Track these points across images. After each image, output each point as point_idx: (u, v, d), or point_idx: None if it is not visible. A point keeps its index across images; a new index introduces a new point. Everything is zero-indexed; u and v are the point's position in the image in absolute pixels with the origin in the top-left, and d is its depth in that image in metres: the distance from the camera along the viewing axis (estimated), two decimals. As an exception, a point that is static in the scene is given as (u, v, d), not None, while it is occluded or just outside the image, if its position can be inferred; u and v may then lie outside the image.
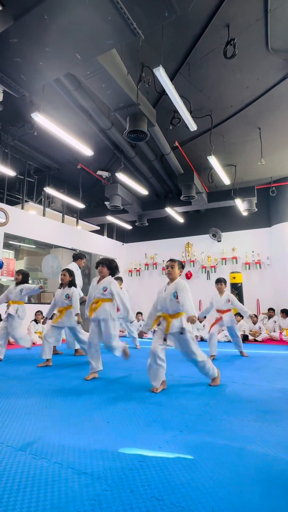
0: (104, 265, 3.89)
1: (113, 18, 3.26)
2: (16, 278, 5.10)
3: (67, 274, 4.67)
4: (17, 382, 3.49)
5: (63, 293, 4.60)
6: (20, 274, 5.09)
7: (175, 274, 3.37)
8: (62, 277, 4.68)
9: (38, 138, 7.19)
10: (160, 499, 1.40)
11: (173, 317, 3.24)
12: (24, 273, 5.14)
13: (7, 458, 1.78)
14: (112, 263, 3.95)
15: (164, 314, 3.31)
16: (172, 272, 3.36)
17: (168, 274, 3.39)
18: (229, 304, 5.22)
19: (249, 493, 1.46)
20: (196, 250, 10.93)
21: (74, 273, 4.78)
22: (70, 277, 4.67)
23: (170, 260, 3.45)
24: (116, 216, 10.61)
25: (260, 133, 7.19)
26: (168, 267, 3.40)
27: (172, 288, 3.28)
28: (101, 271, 3.89)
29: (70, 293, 4.57)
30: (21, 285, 5.03)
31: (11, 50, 3.76)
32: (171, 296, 3.25)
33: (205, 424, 2.28)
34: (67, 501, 1.39)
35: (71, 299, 4.53)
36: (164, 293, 3.32)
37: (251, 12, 4.42)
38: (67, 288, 4.63)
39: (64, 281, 4.65)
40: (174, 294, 3.24)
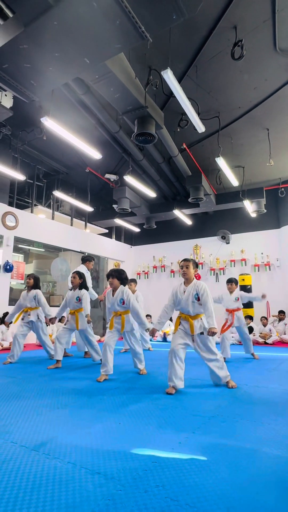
0: (114, 277, 3.96)
1: (122, 22, 3.30)
2: (28, 282, 5.12)
3: (77, 276, 4.69)
4: (28, 384, 3.51)
5: (74, 296, 4.62)
6: (31, 278, 5.11)
7: (191, 274, 3.36)
8: (72, 279, 4.71)
9: (47, 142, 7.28)
10: (175, 500, 1.39)
11: (194, 318, 3.25)
12: (36, 277, 5.17)
13: (20, 457, 1.79)
14: (121, 274, 4.02)
15: (185, 315, 3.31)
16: (188, 272, 3.35)
17: (184, 274, 3.38)
18: (238, 303, 5.21)
19: (265, 495, 1.44)
20: (205, 252, 10.89)
21: (84, 276, 4.81)
22: (80, 279, 4.69)
23: (184, 260, 3.44)
24: (124, 219, 10.64)
25: (268, 133, 7.15)
26: (183, 267, 3.38)
27: (192, 290, 3.28)
28: (112, 282, 3.96)
29: (80, 295, 4.59)
30: (34, 292, 5.03)
31: (21, 56, 3.82)
32: (193, 298, 3.25)
33: (218, 425, 2.26)
34: (81, 500, 1.39)
35: (81, 301, 4.56)
36: (184, 295, 3.31)
37: (258, 13, 4.42)
38: (77, 290, 4.65)
39: (75, 283, 4.68)
40: (195, 297, 3.24)
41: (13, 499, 1.40)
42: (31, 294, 5.02)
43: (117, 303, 3.89)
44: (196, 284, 3.30)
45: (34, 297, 5.01)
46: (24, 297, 5.07)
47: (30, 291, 5.06)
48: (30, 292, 5.05)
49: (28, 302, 5.02)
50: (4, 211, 7.49)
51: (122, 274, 4.02)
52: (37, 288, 5.11)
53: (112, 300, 3.94)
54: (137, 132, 5.32)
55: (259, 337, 7.98)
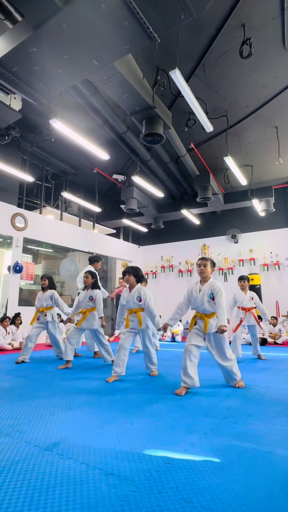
0: (131, 273, 3.96)
1: (130, 23, 3.30)
2: (43, 284, 5.14)
3: (89, 276, 4.69)
4: (39, 384, 3.55)
5: (87, 295, 4.63)
6: (46, 279, 5.13)
7: (208, 273, 3.35)
8: (85, 279, 4.71)
9: (55, 144, 7.33)
10: (189, 502, 1.39)
11: (210, 316, 3.24)
12: (49, 278, 5.19)
13: (34, 457, 1.80)
14: (138, 271, 4.01)
15: (200, 314, 3.31)
16: (205, 270, 3.34)
17: (201, 273, 3.36)
18: (253, 301, 5.18)
19: (280, 497, 1.43)
20: (213, 252, 10.84)
21: (97, 275, 4.82)
22: (92, 279, 4.69)
23: (202, 259, 3.42)
24: (132, 219, 10.66)
25: (277, 132, 7.09)
26: (200, 266, 3.37)
27: (207, 289, 3.27)
28: (128, 279, 3.96)
29: (93, 295, 4.60)
30: (49, 292, 5.07)
31: (30, 59, 3.86)
32: (208, 297, 3.25)
33: (230, 427, 2.25)
34: (96, 501, 1.40)
35: (94, 301, 4.57)
36: (200, 293, 3.30)
37: (267, 10, 4.38)
38: (90, 290, 4.67)
39: (87, 283, 4.69)
40: (210, 296, 3.24)
41: (29, 499, 1.41)
42: (47, 294, 5.06)
43: (133, 301, 3.88)
44: (211, 284, 3.29)
45: (50, 297, 5.04)
46: (40, 298, 5.10)
47: (46, 291, 5.09)
48: (46, 292, 5.09)
49: (44, 302, 5.05)
50: (13, 213, 7.57)
51: (139, 272, 4.02)
52: (52, 288, 5.14)
53: (128, 298, 3.93)
54: (145, 133, 5.33)
55: (269, 337, 7.91)
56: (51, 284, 5.17)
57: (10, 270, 7.40)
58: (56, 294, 5.08)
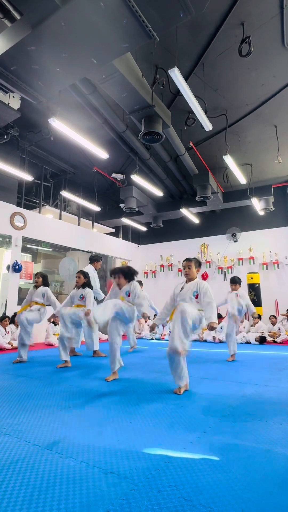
0: (120, 274, 3.78)
1: (129, 21, 3.29)
2: (36, 281, 5.08)
3: (81, 276, 4.75)
4: (38, 383, 3.55)
5: (78, 293, 4.69)
6: (40, 277, 5.08)
7: (193, 274, 3.35)
8: (77, 279, 4.75)
9: (54, 143, 7.31)
10: (188, 500, 1.40)
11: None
12: (44, 275, 5.14)
13: (34, 456, 1.81)
14: (128, 270, 3.83)
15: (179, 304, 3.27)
16: (190, 272, 3.35)
17: (186, 274, 3.37)
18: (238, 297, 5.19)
19: (279, 495, 1.43)
20: (212, 250, 10.84)
21: (89, 275, 4.84)
22: (84, 278, 4.74)
23: (186, 260, 3.41)
24: (131, 218, 10.65)
25: (276, 130, 7.08)
26: (185, 268, 3.37)
27: (192, 287, 3.27)
28: (118, 283, 3.80)
29: (84, 293, 4.63)
30: (42, 289, 4.98)
31: (29, 58, 3.85)
32: (191, 294, 3.24)
33: (229, 425, 2.26)
34: (95, 499, 1.40)
35: (85, 299, 4.60)
36: (183, 290, 3.30)
37: (266, 9, 4.37)
38: (81, 289, 4.70)
39: (79, 283, 4.73)
40: (194, 293, 3.23)
41: (29, 498, 1.41)
42: (39, 291, 4.98)
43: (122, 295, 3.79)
44: (197, 283, 3.28)
45: (42, 294, 4.96)
46: (31, 293, 5.03)
47: (38, 289, 5.02)
48: (38, 289, 5.02)
49: (35, 297, 4.96)
50: (12, 212, 7.56)
51: (129, 270, 3.84)
52: (46, 286, 5.07)
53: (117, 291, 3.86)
54: (144, 131, 5.32)
55: (268, 335, 7.92)
56: (45, 282, 5.09)
57: (9, 270, 7.39)
58: (48, 292, 4.96)
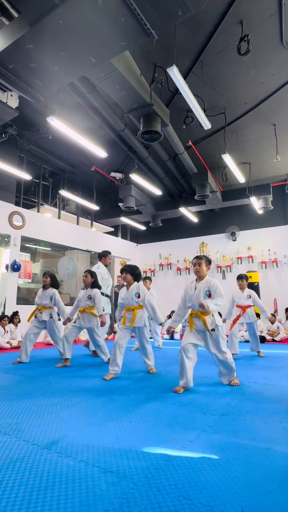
0: (128, 272, 3.95)
1: (127, 19, 3.28)
2: (44, 281, 4.95)
3: (88, 275, 4.66)
4: (38, 382, 3.54)
5: (86, 294, 4.62)
6: (48, 277, 4.93)
7: (203, 272, 3.35)
8: (84, 278, 4.66)
9: (53, 142, 7.30)
10: (188, 499, 1.40)
11: (206, 314, 3.24)
12: (52, 275, 4.99)
13: (33, 456, 1.80)
14: (135, 270, 4.00)
15: (196, 311, 3.30)
16: (200, 269, 3.34)
17: (196, 272, 3.35)
18: (250, 300, 5.20)
19: (278, 493, 1.43)
20: (211, 249, 10.84)
21: (96, 275, 4.77)
22: (92, 278, 4.66)
23: (197, 257, 3.41)
24: (130, 217, 10.64)
25: (275, 129, 7.07)
26: (195, 265, 3.36)
27: (204, 287, 3.27)
28: (125, 277, 3.95)
29: (92, 294, 4.58)
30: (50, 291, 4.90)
31: (26, 56, 3.83)
32: (204, 295, 3.24)
33: (228, 424, 2.26)
34: (95, 499, 1.40)
35: (93, 300, 4.57)
36: (195, 291, 3.30)
37: (264, 7, 4.36)
38: (89, 289, 4.64)
39: (86, 282, 4.65)
40: (206, 293, 3.24)
41: (28, 497, 1.41)
42: (47, 293, 4.90)
43: (131, 297, 3.89)
44: (208, 281, 3.30)
45: (50, 297, 4.88)
46: (40, 296, 4.95)
47: (46, 290, 4.93)
48: (46, 290, 4.93)
49: (43, 300, 4.90)
50: (11, 211, 7.54)
51: (136, 270, 4.00)
52: (54, 287, 4.97)
53: (126, 295, 3.93)
54: (143, 130, 5.31)
55: (267, 334, 7.93)
56: (54, 283, 4.97)
57: (8, 269, 7.38)
58: (57, 295, 4.91)
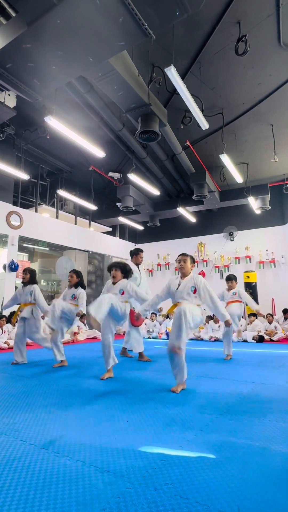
0: (118, 268, 3.92)
1: (125, 19, 3.28)
2: (24, 278, 4.84)
3: (74, 275, 4.69)
4: (35, 382, 3.54)
5: (70, 293, 4.62)
6: (27, 273, 4.83)
7: (188, 269, 3.36)
8: (69, 278, 4.68)
9: (51, 141, 7.29)
10: (185, 497, 1.40)
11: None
12: (32, 271, 4.91)
13: (30, 456, 1.80)
14: (125, 267, 3.98)
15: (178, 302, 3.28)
16: (185, 266, 3.35)
17: (181, 268, 3.36)
18: (236, 296, 5.28)
19: (275, 492, 1.44)
20: (209, 249, 10.86)
21: (81, 274, 4.78)
22: (77, 278, 4.68)
23: (182, 255, 3.42)
24: (128, 217, 10.64)
25: (272, 129, 7.10)
26: (180, 261, 3.37)
27: (189, 282, 3.26)
28: (115, 275, 3.91)
29: (77, 293, 4.58)
30: (30, 287, 4.77)
31: (24, 55, 3.82)
32: (189, 290, 3.24)
33: (226, 423, 2.26)
34: (92, 498, 1.40)
35: (77, 299, 4.56)
36: (180, 287, 3.29)
37: (262, 7, 4.38)
38: (73, 288, 4.65)
39: (72, 282, 4.67)
40: (191, 289, 3.24)
41: (24, 497, 1.41)
42: (27, 290, 4.77)
43: (114, 293, 3.80)
44: (193, 278, 3.29)
45: (30, 293, 4.73)
46: (20, 293, 4.83)
47: (26, 286, 4.80)
48: (26, 287, 4.80)
49: (24, 297, 4.77)
50: (8, 211, 7.53)
51: (126, 267, 3.97)
52: (34, 283, 4.83)
53: (112, 290, 3.88)
54: (141, 130, 5.31)
55: (265, 334, 7.95)
56: (32, 279, 4.85)
57: (5, 269, 7.36)
58: (37, 290, 4.76)
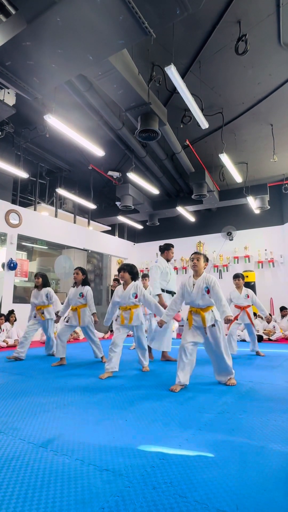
0: (126, 271, 3.96)
1: (125, 18, 3.27)
2: (36, 282, 5.11)
3: (79, 272, 4.66)
4: (34, 381, 3.54)
5: (77, 292, 4.60)
6: (39, 277, 5.08)
7: (201, 267, 3.35)
8: (75, 275, 4.66)
9: (50, 140, 7.27)
10: (183, 496, 1.40)
11: (205, 310, 3.24)
12: (43, 275, 5.15)
13: (29, 454, 1.80)
14: (133, 268, 4.01)
15: (195, 308, 3.30)
16: (198, 264, 3.33)
17: (194, 266, 3.35)
18: (248, 299, 5.22)
19: (274, 491, 1.44)
20: (208, 249, 10.87)
21: (86, 272, 4.80)
22: (83, 275, 4.66)
23: (195, 253, 3.42)
24: (127, 216, 10.63)
25: (272, 129, 7.10)
26: (193, 260, 3.36)
27: (202, 283, 3.26)
28: (123, 276, 3.96)
29: (84, 291, 4.57)
30: (45, 290, 5.06)
31: (24, 53, 3.81)
32: (203, 291, 3.24)
33: (224, 422, 2.27)
34: (90, 497, 1.40)
35: (85, 297, 4.56)
36: (194, 288, 3.29)
37: (262, 7, 4.37)
38: (80, 286, 4.63)
39: (77, 279, 4.64)
40: (205, 289, 3.24)
41: (23, 496, 1.41)
42: (43, 292, 5.04)
43: (129, 297, 3.89)
44: (205, 277, 3.29)
45: (46, 295, 5.02)
46: (36, 296, 5.07)
47: (41, 289, 5.08)
48: (41, 290, 5.07)
49: (41, 299, 5.03)
50: (7, 209, 7.51)
51: (134, 269, 4.01)
52: (47, 286, 5.13)
53: (123, 294, 3.93)
54: (141, 129, 5.30)
55: (263, 333, 7.96)
56: (45, 282, 5.14)
57: (4, 267, 7.35)
58: (51, 292, 5.08)
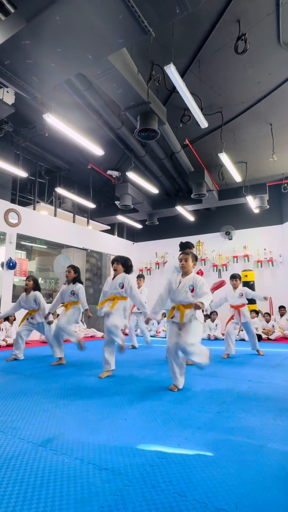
0: (119, 262, 3.98)
1: (124, 17, 3.26)
2: (27, 284, 4.99)
3: (71, 270, 4.68)
4: (33, 380, 3.54)
5: (68, 289, 4.61)
6: (30, 280, 5.01)
7: (189, 267, 3.32)
8: (67, 273, 4.68)
9: (49, 139, 7.25)
10: (183, 495, 1.40)
11: (187, 307, 3.20)
12: (35, 279, 5.09)
13: (28, 453, 1.80)
14: (127, 261, 4.02)
15: (178, 305, 3.28)
16: (186, 265, 3.31)
17: (182, 267, 3.33)
18: (242, 298, 5.23)
19: (273, 490, 1.45)
20: (207, 248, 10.87)
21: (79, 270, 4.79)
22: (75, 273, 4.68)
23: (183, 253, 3.39)
24: (127, 216, 10.62)
25: (271, 129, 7.09)
26: (181, 260, 3.34)
27: (188, 281, 3.24)
28: (116, 268, 3.97)
29: (75, 289, 4.58)
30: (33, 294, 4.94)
31: (23, 52, 3.79)
32: (187, 288, 3.21)
33: (223, 422, 2.27)
34: (90, 496, 1.40)
35: (76, 295, 4.57)
36: (180, 285, 3.27)
37: (262, 6, 4.36)
38: (72, 284, 4.64)
39: (69, 277, 4.65)
40: (189, 287, 3.21)
41: (23, 495, 1.41)
42: (31, 297, 4.93)
43: (115, 286, 3.86)
44: (193, 277, 3.27)
45: (34, 300, 4.92)
46: (24, 300, 4.98)
47: (29, 293, 4.97)
48: (29, 294, 4.96)
49: (30, 304, 4.95)
50: (6, 208, 7.50)
51: (128, 262, 4.02)
52: (37, 290, 5.03)
53: (112, 283, 3.92)
54: (140, 128, 5.29)
55: (262, 333, 7.98)
56: (36, 286, 5.04)
57: (3, 267, 7.34)
58: (39, 297, 4.95)
